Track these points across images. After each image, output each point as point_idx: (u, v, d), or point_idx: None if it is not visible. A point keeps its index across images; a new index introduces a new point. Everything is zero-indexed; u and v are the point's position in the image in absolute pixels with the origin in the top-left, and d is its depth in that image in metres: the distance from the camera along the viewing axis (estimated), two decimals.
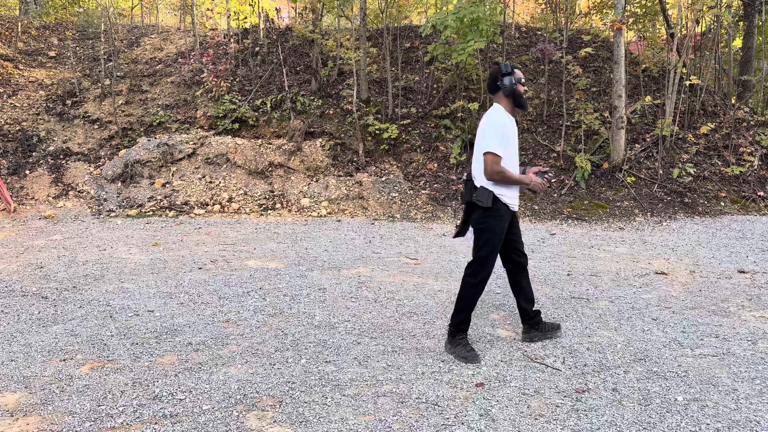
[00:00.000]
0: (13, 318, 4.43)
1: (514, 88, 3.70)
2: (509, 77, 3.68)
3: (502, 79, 3.69)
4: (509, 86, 3.68)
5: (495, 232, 3.67)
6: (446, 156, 10.81)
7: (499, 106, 3.73)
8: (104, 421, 2.84)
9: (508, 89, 3.69)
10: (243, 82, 12.32)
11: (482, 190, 3.62)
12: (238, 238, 7.71)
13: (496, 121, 3.61)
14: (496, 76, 3.72)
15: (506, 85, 3.68)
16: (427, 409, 2.97)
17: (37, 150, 10.83)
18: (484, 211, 3.64)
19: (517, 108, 3.78)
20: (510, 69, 3.70)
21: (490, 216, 3.65)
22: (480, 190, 3.63)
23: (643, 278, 5.68)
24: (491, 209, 3.63)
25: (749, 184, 9.91)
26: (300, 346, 3.83)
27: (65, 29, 15.09)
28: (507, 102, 3.73)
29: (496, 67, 3.74)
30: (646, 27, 14.23)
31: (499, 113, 3.67)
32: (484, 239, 3.68)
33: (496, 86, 3.73)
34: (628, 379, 3.33)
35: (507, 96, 3.72)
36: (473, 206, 3.72)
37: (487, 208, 3.63)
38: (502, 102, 3.73)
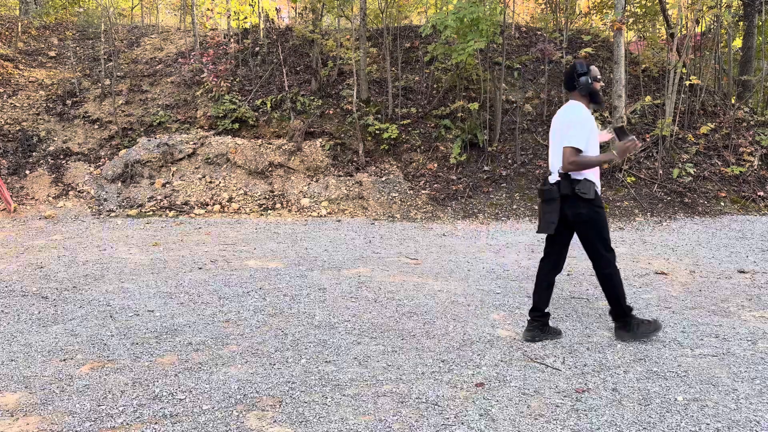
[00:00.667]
0: (13, 318, 4.43)
1: (591, 86, 3.84)
2: (585, 76, 3.82)
3: (578, 78, 3.83)
4: (585, 85, 3.82)
5: (603, 218, 3.80)
6: (446, 156, 10.81)
7: (577, 102, 3.86)
8: (104, 421, 2.84)
9: (585, 88, 3.83)
10: (243, 82, 12.32)
11: (585, 181, 3.75)
12: (238, 238, 7.71)
13: (581, 118, 3.75)
14: (573, 75, 3.86)
15: (582, 84, 3.82)
16: (427, 409, 2.97)
17: (37, 150, 10.83)
18: (589, 202, 3.76)
19: (593, 104, 3.94)
20: (586, 68, 3.84)
21: (595, 206, 3.78)
22: (583, 182, 3.74)
23: (643, 278, 5.68)
24: (594, 200, 3.76)
25: (749, 184, 9.91)
26: (300, 346, 3.83)
27: (65, 29, 15.09)
28: (583, 99, 3.88)
29: (572, 66, 3.88)
30: (646, 27, 14.23)
31: (580, 109, 3.80)
32: (595, 230, 3.81)
33: (573, 85, 3.86)
34: (628, 379, 3.32)
35: (584, 94, 3.86)
36: (573, 199, 3.77)
37: (591, 200, 3.75)
38: (578, 99, 3.88)
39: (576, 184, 3.76)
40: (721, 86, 13.23)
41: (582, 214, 3.78)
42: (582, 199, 3.75)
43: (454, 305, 4.76)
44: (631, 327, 3.88)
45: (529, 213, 9.25)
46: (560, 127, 3.82)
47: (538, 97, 11.84)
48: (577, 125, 3.73)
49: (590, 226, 3.81)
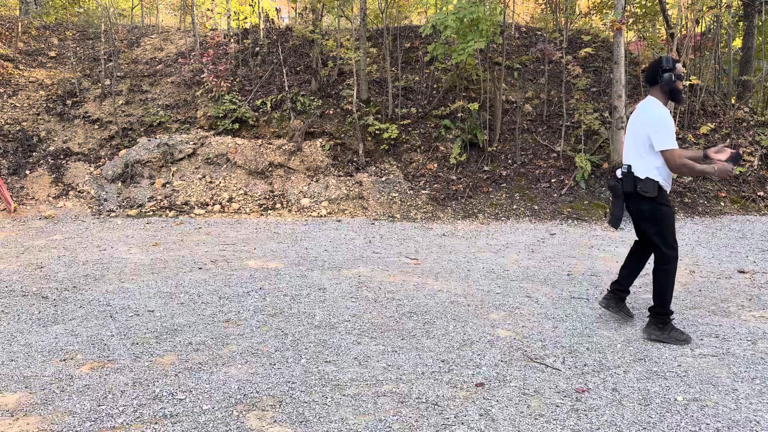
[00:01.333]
0: (13, 318, 4.43)
1: (673, 84, 3.85)
2: (670, 73, 3.82)
3: (662, 74, 3.84)
4: (669, 81, 3.83)
5: (667, 216, 3.88)
6: (446, 156, 10.81)
7: (655, 99, 3.89)
8: (104, 421, 2.84)
9: (667, 84, 3.84)
10: (243, 82, 12.32)
11: (648, 180, 3.82)
12: (238, 238, 7.71)
13: (662, 116, 3.78)
14: (657, 70, 3.87)
15: (666, 80, 3.83)
16: (427, 409, 2.97)
17: (37, 150, 10.83)
18: (651, 200, 3.84)
19: (673, 102, 3.98)
20: (672, 64, 3.84)
21: (658, 203, 3.85)
22: (645, 181, 3.82)
23: (642, 278, 5.68)
24: (656, 198, 3.83)
25: (749, 184, 9.91)
26: (300, 346, 3.83)
27: (65, 29, 15.09)
28: (663, 96, 3.89)
29: (657, 60, 3.89)
30: (646, 27, 14.23)
31: (659, 107, 3.83)
32: (658, 227, 3.88)
33: (655, 80, 3.87)
34: (628, 379, 3.32)
35: (665, 92, 3.88)
36: (635, 197, 3.88)
37: (653, 198, 3.82)
38: (658, 95, 3.89)
39: (639, 183, 3.85)
40: (721, 86, 13.23)
41: (643, 211, 3.90)
42: (643, 197, 3.84)
43: (454, 305, 4.76)
44: (666, 328, 3.93)
45: (529, 213, 9.26)
46: (641, 125, 3.87)
47: (538, 97, 11.84)
48: (667, 126, 3.77)
49: (651, 223, 3.91)
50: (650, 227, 3.93)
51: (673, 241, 3.91)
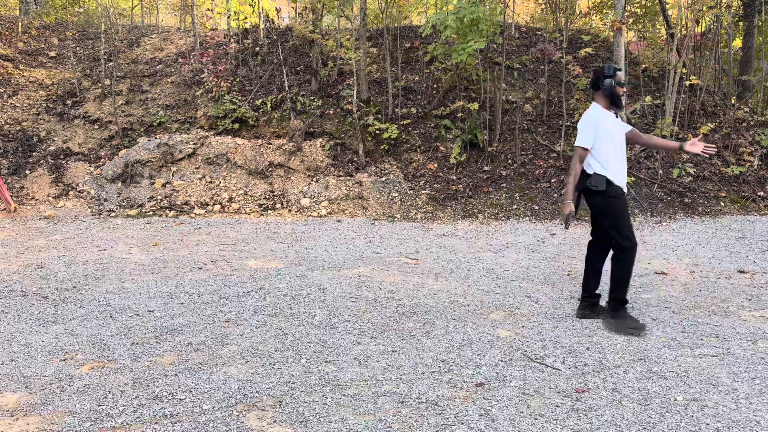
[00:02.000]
0: (13, 318, 4.43)
1: (614, 90, 4.22)
2: (610, 79, 4.20)
3: (603, 80, 4.23)
4: (608, 87, 4.21)
5: (619, 208, 4.16)
6: (446, 156, 10.81)
7: (596, 104, 4.29)
8: (104, 421, 2.84)
9: (608, 90, 4.22)
10: (243, 82, 12.32)
11: (596, 176, 4.16)
12: (238, 238, 7.71)
13: (589, 118, 4.20)
14: (599, 77, 4.27)
15: (606, 86, 4.22)
16: (427, 409, 2.97)
17: (37, 150, 10.83)
18: (602, 194, 4.15)
19: (614, 106, 4.29)
20: (612, 72, 4.22)
21: (609, 197, 4.15)
22: (594, 176, 4.17)
23: (643, 278, 5.68)
24: (606, 191, 4.14)
25: (749, 184, 9.91)
26: (300, 346, 3.83)
27: (65, 29, 15.09)
28: (604, 100, 4.26)
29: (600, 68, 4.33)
30: (646, 27, 14.23)
31: (594, 109, 4.25)
32: (611, 219, 4.16)
33: (598, 85, 4.27)
34: (628, 379, 3.32)
35: (606, 96, 4.25)
36: (589, 192, 4.21)
37: (603, 191, 4.14)
38: (600, 100, 4.28)
39: (588, 179, 4.19)
40: (721, 86, 13.23)
41: (596, 204, 4.21)
42: (594, 192, 4.16)
43: (454, 305, 4.76)
44: (618, 315, 4.20)
45: (529, 213, 9.25)
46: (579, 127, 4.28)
47: (538, 97, 11.84)
48: (587, 126, 4.16)
49: (605, 217, 4.19)
50: (604, 220, 4.21)
51: (628, 233, 4.14)
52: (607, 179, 4.13)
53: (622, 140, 4.27)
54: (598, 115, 4.19)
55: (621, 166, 4.22)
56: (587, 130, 4.16)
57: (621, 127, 4.32)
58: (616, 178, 4.17)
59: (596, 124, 4.14)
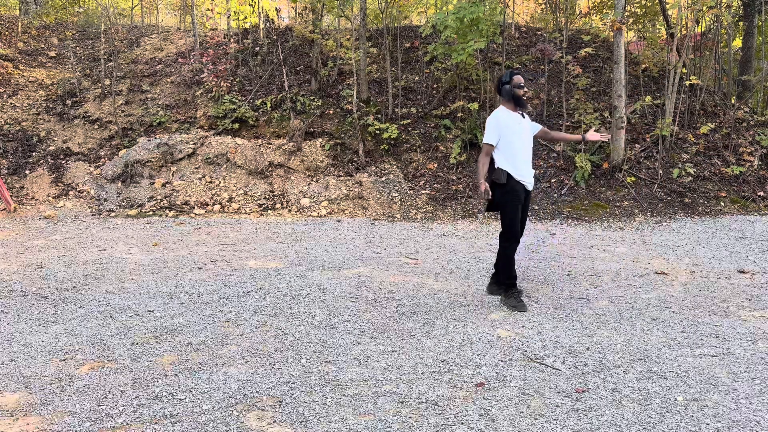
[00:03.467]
0: (13, 318, 4.43)
1: (513, 92, 4.65)
2: (507, 85, 4.65)
3: (502, 87, 4.69)
4: (507, 92, 4.67)
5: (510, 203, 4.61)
6: (446, 156, 10.81)
7: (501, 106, 4.73)
8: (104, 421, 2.84)
9: (507, 94, 4.67)
10: (243, 82, 12.32)
11: (498, 170, 4.60)
12: (238, 238, 7.71)
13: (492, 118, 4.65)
14: (498, 84, 4.75)
15: (505, 92, 4.68)
16: (427, 409, 2.97)
17: (37, 150, 10.83)
18: (502, 187, 4.59)
19: (518, 107, 4.71)
20: (509, 78, 4.65)
21: (505, 190, 4.59)
22: (497, 171, 4.60)
23: (643, 278, 5.69)
24: (505, 185, 4.57)
25: (749, 184, 9.91)
26: (300, 346, 3.83)
27: (65, 29, 15.09)
28: (507, 103, 4.71)
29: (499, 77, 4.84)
30: (646, 27, 14.22)
31: (498, 111, 4.69)
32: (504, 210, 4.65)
33: (500, 91, 4.74)
34: (628, 379, 3.32)
35: (508, 99, 4.69)
36: (493, 184, 4.63)
37: (503, 184, 4.58)
38: (504, 103, 4.72)
39: (492, 173, 4.66)
40: (721, 86, 13.23)
41: (496, 196, 4.66)
42: (496, 184, 4.62)
43: (454, 305, 4.76)
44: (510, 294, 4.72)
45: (529, 213, 9.25)
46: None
47: (538, 97, 11.84)
48: (491, 126, 4.62)
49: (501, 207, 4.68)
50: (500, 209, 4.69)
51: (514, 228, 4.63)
52: (509, 174, 4.58)
53: (527, 138, 4.70)
54: (502, 115, 4.63)
55: (524, 163, 4.67)
56: (491, 128, 4.61)
57: (528, 127, 4.77)
58: (517, 173, 4.61)
59: (499, 124, 4.59)
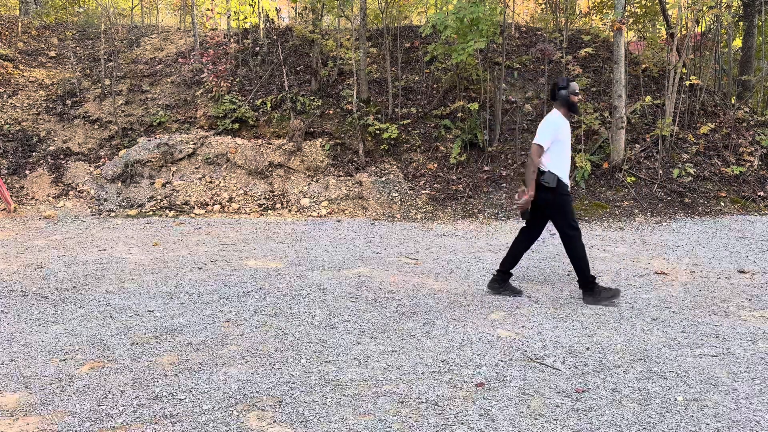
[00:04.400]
0: (13, 318, 4.43)
1: (569, 99, 4.73)
2: (564, 90, 4.72)
3: (559, 92, 4.75)
4: (564, 97, 4.73)
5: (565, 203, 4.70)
6: (446, 156, 10.81)
7: (555, 110, 4.79)
8: (104, 421, 2.84)
9: (564, 99, 4.74)
10: (243, 82, 12.32)
11: (548, 173, 4.63)
12: (238, 238, 7.71)
13: (548, 121, 4.69)
14: (554, 89, 4.80)
15: (561, 97, 4.74)
16: (427, 409, 2.97)
17: (37, 150, 10.83)
18: (551, 191, 4.63)
19: (571, 113, 4.85)
20: (566, 83, 4.73)
21: (557, 193, 4.65)
22: (547, 174, 4.63)
23: (643, 278, 5.69)
24: (556, 188, 4.63)
25: (749, 184, 9.91)
26: (300, 346, 3.83)
27: (65, 29, 15.09)
28: (562, 108, 4.77)
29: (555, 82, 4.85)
30: (646, 27, 14.22)
31: (552, 115, 4.75)
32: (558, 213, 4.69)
33: (555, 96, 4.79)
34: (628, 379, 3.32)
35: (563, 105, 4.76)
36: (540, 187, 4.66)
37: (553, 188, 4.62)
38: (558, 108, 4.78)
39: (541, 176, 4.64)
40: (721, 86, 13.23)
41: (545, 198, 4.68)
42: (544, 187, 4.64)
43: (454, 305, 4.76)
44: (595, 292, 4.75)
45: None
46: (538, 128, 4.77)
47: (538, 97, 11.84)
48: (546, 128, 4.64)
49: (552, 209, 4.71)
50: (553, 212, 4.72)
51: (573, 222, 4.70)
52: (558, 178, 4.63)
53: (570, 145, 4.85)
54: (557, 120, 4.70)
55: (568, 167, 4.80)
56: (548, 131, 4.64)
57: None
58: (564, 178, 4.70)
59: (557, 128, 4.65)
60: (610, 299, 4.73)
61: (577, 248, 4.69)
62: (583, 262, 4.71)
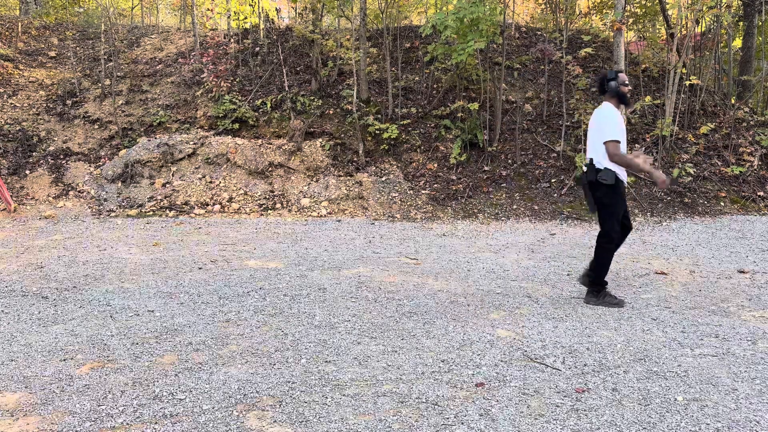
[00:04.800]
0: (13, 318, 4.43)
1: (619, 90, 4.59)
2: (614, 82, 4.60)
3: (608, 84, 4.61)
4: (614, 89, 4.59)
5: (618, 202, 4.58)
6: (446, 156, 10.81)
7: (607, 103, 4.62)
8: (104, 421, 2.84)
9: (614, 91, 4.60)
10: (243, 82, 12.32)
11: (606, 170, 4.48)
12: (238, 238, 7.71)
13: (609, 115, 4.52)
14: (603, 82, 4.66)
15: (611, 88, 4.60)
16: (427, 409, 2.97)
17: (37, 150, 10.83)
18: (609, 187, 4.50)
19: (622, 104, 4.70)
20: (615, 75, 4.62)
21: (614, 192, 4.52)
22: (604, 171, 4.49)
23: (643, 278, 5.69)
24: (614, 185, 4.49)
25: (749, 184, 9.91)
26: (300, 346, 3.83)
27: (65, 29, 15.09)
28: (613, 100, 4.63)
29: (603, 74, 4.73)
30: (646, 27, 14.23)
31: (609, 109, 4.57)
32: (609, 211, 4.58)
33: (604, 89, 4.65)
34: (628, 379, 3.32)
35: (614, 97, 4.62)
36: (597, 185, 4.53)
37: (611, 185, 4.49)
38: (609, 100, 4.63)
39: (599, 172, 4.50)
40: (721, 86, 13.23)
41: (599, 197, 4.55)
42: (602, 185, 4.50)
43: (454, 305, 4.76)
44: (600, 295, 4.73)
45: (529, 213, 9.25)
46: (595, 125, 4.57)
47: (538, 97, 11.84)
48: (610, 121, 4.47)
49: (605, 207, 4.57)
50: (604, 210, 4.59)
51: (617, 224, 4.60)
52: (616, 175, 4.48)
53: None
54: (614, 112, 4.54)
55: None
56: (615, 124, 4.47)
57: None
58: (622, 173, 4.54)
59: (619, 121, 4.49)
60: (611, 306, 4.69)
61: (609, 253, 4.64)
62: (605, 268, 4.67)
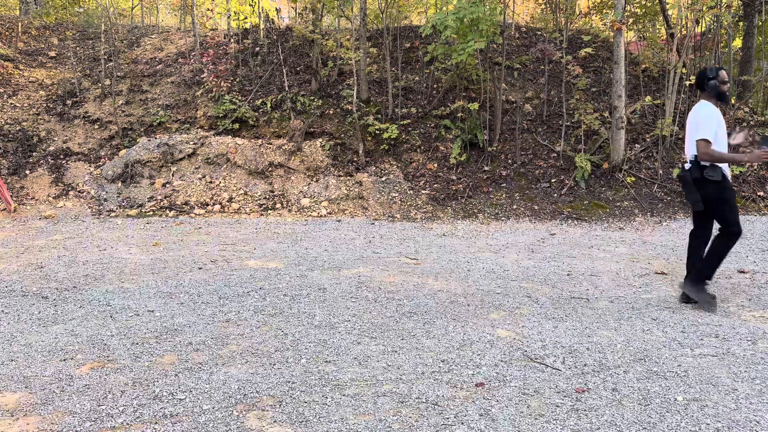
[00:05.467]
0: (13, 318, 4.43)
1: (718, 88, 4.58)
2: (714, 80, 4.57)
3: (708, 82, 4.59)
4: (714, 87, 4.57)
5: (726, 198, 4.53)
6: (446, 156, 10.81)
7: (704, 101, 4.60)
8: (104, 421, 2.84)
9: (714, 89, 4.58)
10: (243, 82, 12.32)
11: (712, 167, 4.45)
12: (238, 238, 7.71)
13: (706, 114, 4.48)
14: (703, 79, 4.63)
15: (711, 87, 4.58)
16: (427, 409, 2.97)
17: (37, 150, 10.83)
18: (717, 184, 4.46)
19: (720, 102, 4.66)
20: (715, 74, 4.58)
21: (723, 187, 4.48)
22: (709, 167, 4.45)
23: (643, 278, 5.69)
24: (721, 182, 4.46)
25: (749, 184, 9.91)
26: (300, 346, 3.83)
27: (65, 29, 15.09)
28: (711, 98, 4.60)
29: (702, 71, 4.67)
30: (646, 27, 14.23)
31: (706, 106, 4.54)
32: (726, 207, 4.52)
33: (703, 86, 4.63)
34: (628, 379, 3.32)
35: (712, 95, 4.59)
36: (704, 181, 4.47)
37: (719, 181, 4.45)
38: (707, 98, 4.61)
39: (705, 169, 4.45)
40: None
41: (710, 194, 4.49)
42: (710, 181, 4.45)
43: (454, 305, 4.76)
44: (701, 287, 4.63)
45: (529, 213, 9.25)
46: (693, 122, 4.54)
47: (538, 97, 11.84)
48: (706, 120, 4.44)
49: (714, 204, 4.51)
50: (715, 209, 4.53)
51: (737, 220, 4.52)
52: (722, 171, 4.45)
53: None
54: (714, 110, 4.50)
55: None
56: (710, 123, 4.43)
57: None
58: (726, 170, 4.53)
59: (715, 119, 4.46)
60: (706, 302, 4.59)
61: (726, 250, 4.56)
62: (716, 265, 4.61)
